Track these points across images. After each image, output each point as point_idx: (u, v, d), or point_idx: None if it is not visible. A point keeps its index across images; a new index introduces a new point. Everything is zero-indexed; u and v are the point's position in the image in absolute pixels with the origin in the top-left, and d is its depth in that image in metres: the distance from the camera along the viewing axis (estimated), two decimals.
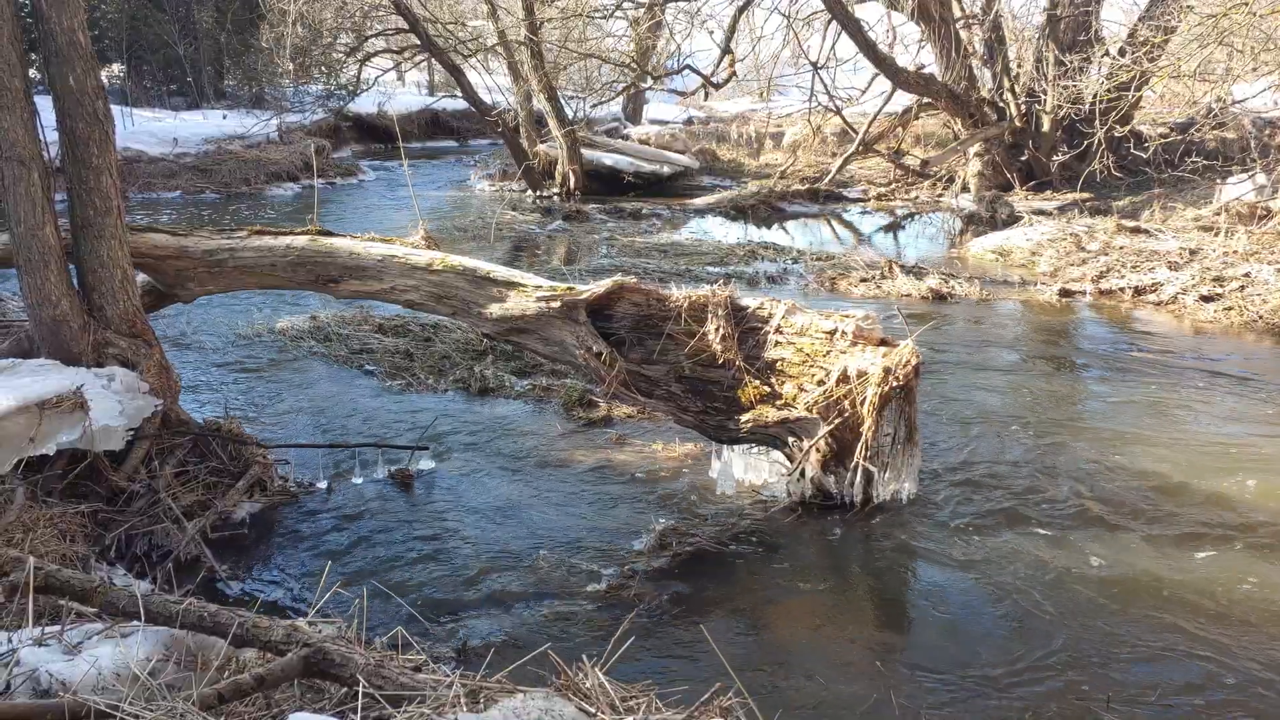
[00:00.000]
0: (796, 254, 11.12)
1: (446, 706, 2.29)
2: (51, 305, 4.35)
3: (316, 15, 16.72)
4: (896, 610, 3.88)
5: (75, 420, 4.07)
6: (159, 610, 2.69)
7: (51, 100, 4.31)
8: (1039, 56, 13.77)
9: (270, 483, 4.86)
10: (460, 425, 5.81)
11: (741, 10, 15.16)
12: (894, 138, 15.70)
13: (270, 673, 2.43)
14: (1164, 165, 12.41)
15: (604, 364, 4.68)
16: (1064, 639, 3.63)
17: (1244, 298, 8.28)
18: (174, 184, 15.98)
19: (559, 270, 9.73)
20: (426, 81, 29.31)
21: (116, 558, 4.13)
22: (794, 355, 4.56)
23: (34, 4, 4.21)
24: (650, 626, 3.71)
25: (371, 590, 3.71)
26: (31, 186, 4.18)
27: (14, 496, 4.03)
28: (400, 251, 5.05)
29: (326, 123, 19.94)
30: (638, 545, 4.36)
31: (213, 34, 22.06)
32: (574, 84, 21.15)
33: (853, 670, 3.46)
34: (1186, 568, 4.12)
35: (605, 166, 16.31)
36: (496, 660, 2.95)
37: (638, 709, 2.39)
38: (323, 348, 7.26)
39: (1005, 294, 9.27)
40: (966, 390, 6.40)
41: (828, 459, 4.56)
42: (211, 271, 5.12)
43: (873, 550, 4.32)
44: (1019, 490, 4.89)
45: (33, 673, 2.50)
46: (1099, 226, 10.90)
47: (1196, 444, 5.47)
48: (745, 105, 24.77)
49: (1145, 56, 11.09)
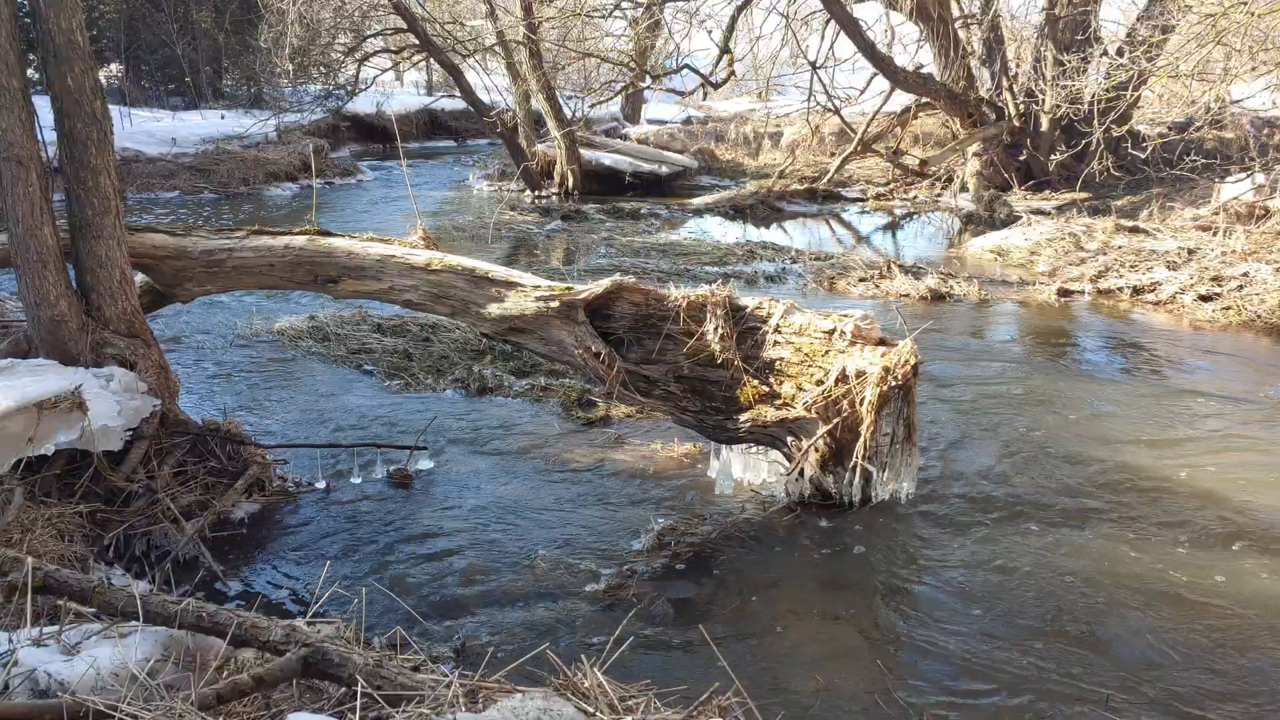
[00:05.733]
0: (795, 254, 11.12)
1: (445, 706, 2.29)
2: (50, 305, 4.35)
3: (315, 15, 16.70)
4: (895, 610, 3.88)
5: (74, 420, 4.07)
6: (157, 610, 2.68)
7: (49, 100, 4.30)
8: (1037, 56, 13.77)
9: (269, 482, 4.86)
10: (459, 425, 5.81)
11: (740, 10, 15.15)
12: (892, 137, 15.70)
13: (269, 673, 2.43)
14: (1162, 165, 12.41)
15: (603, 363, 4.68)
16: (1063, 638, 3.63)
17: (1242, 297, 8.28)
18: (172, 184, 15.96)
19: (557, 270, 9.73)
20: (425, 81, 29.30)
21: (115, 558, 4.12)
22: (792, 355, 4.57)
23: (32, 4, 4.20)
24: (649, 626, 3.71)
25: (370, 590, 3.71)
26: (29, 186, 4.18)
27: (12, 497, 4.03)
28: (398, 251, 5.05)
29: (325, 123, 19.92)
30: (636, 545, 4.36)
31: (211, 34, 22.04)
32: (572, 84, 21.17)
33: (852, 669, 3.46)
34: (1186, 567, 4.13)
35: (604, 166, 16.31)
36: (495, 660, 2.95)
37: (636, 709, 2.39)
38: (321, 348, 7.26)
39: (1004, 294, 9.27)
40: (965, 390, 6.40)
41: (826, 459, 4.56)
42: (210, 271, 5.12)
43: (871, 550, 4.32)
44: (1018, 489, 4.89)
45: (31, 673, 2.50)
46: (1097, 226, 10.90)
47: (1196, 444, 5.47)
48: (744, 105, 24.76)
49: (1144, 56, 11.09)
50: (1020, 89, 14.44)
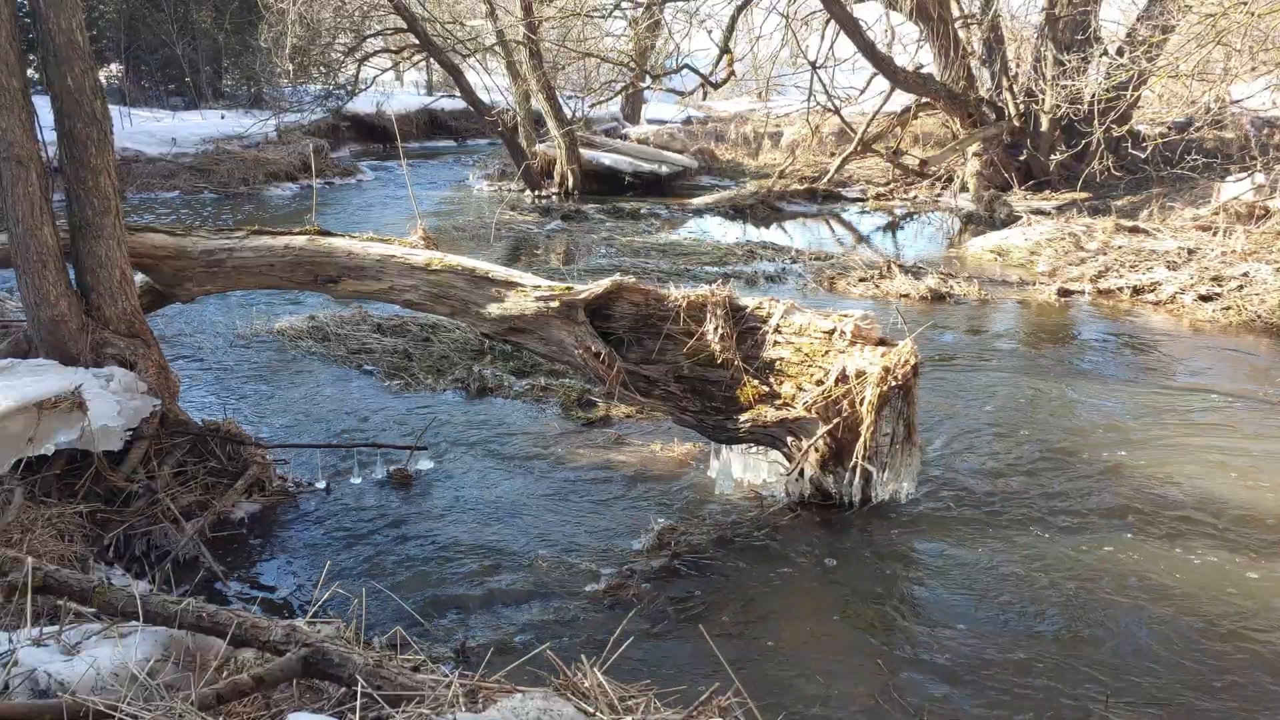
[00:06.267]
0: (795, 254, 11.12)
1: (445, 706, 2.29)
2: (50, 305, 4.35)
3: (315, 15, 16.70)
4: (895, 610, 3.88)
5: (74, 420, 4.07)
6: (157, 610, 2.68)
7: (49, 100, 4.31)
8: (1037, 56, 13.77)
9: (269, 483, 4.86)
10: (459, 425, 5.81)
11: (740, 10, 15.14)
12: (892, 137, 15.69)
13: (269, 673, 2.43)
14: (1162, 165, 12.41)
15: (603, 363, 4.68)
16: (1063, 638, 3.63)
17: (1242, 297, 8.28)
18: (172, 184, 15.96)
19: (557, 270, 9.73)
20: (425, 81, 29.30)
21: (115, 558, 4.12)
22: (792, 355, 4.56)
23: (32, 4, 4.20)
24: (649, 626, 3.71)
25: (370, 590, 3.71)
26: (29, 186, 4.18)
27: (12, 497, 4.03)
28: (398, 251, 5.05)
29: (325, 122, 19.92)
30: (636, 545, 4.36)
31: (211, 34, 22.03)
32: (572, 84, 21.16)
33: (851, 669, 3.46)
34: (1186, 566, 4.13)
35: (604, 166, 16.31)
36: (495, 660, 2.95)
37: (636, 709, 2.39)
38: (321, 348, 7.26)
39: (1004, 294, 9.27)
40: (965, 390, 6.40)
41: (826, 459, 4.56)
42: (210, 271, 5.12)
43: (871, 550, 4.32)
44: (1017, 489, 4.89)
45: (31, 673, 2.50)
46: (1097, 226, 10.90)
47: (1195, 443, 5.47)
48: (744, 105, 24.76)
49: (1144, 56, 11.09)
50: (1020, 89, 14.43)
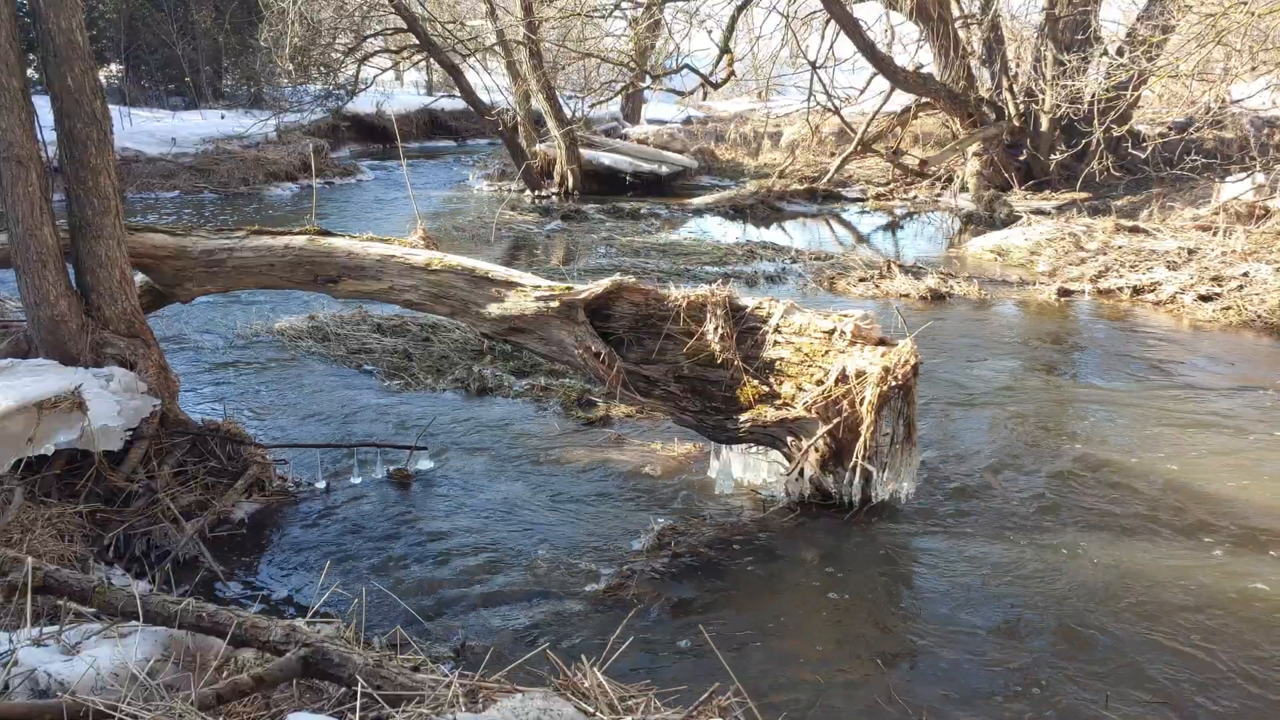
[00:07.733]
0: (795, 253, 11.12)
1: (445, 706, 2.29)
2: (49, 305, 4.35)
3: (315, 15, 16.70)
4: (895, 610, 3.88)
5: (74, 420, 4.07)
6: (157, 610, 2.68)
7: (49, 100, 4.30)
8: (1037, 56, 13.77)
9: (269, 482, 4.86)
10: (459, 425, 5.81)
11: (740, 10, 15.15)
12: (892, 137, 15.70)
13: (269, 673, 2.43)
14: (1162, 165, 12.41)
15: (603, 363, 4.68)
16: (1063, 638, 3.63)
17: (1242, 297, 8.28)
18: (172, 184, 15.96)
19: (557, 270, 9.72)
20: (425, 81, 29.29)
21: (115, 558, 4.12)
22: (792, 355, 4.56)
23: (32, 4, 4.20)
24: (649, 626, 3.71)
25: (370, 590, 3.71)
26: (29, 186, 4.18)
27: (12, 497, 4.03)
28: (398, 251, 5.05)
29: (325, 122, 19.93)
30: (636, 545, 4.36)
31: (211, 34, 22.02)
32: (572, 84, 21.16)
33: (851, 669, 3.46)
34: (1186, 567, 4.13)
35: (604, 166, 16.31)
36: (495, 660, 2.95)
37: (636, 708, 2.39)
38: (321, 347, 7.26)
39: (1004, 293, 9.27)
40: (965, 390, 6.40)
41: (826, 459, 4.56)
42: (210, 271, 5.12)
43: (871, 550, 4.32)
44: (1018, 490, 4.89)
45: (31, 673, 2.50)
46: (1097, 226, 10.90)
47: (1195, 443, 5.47)
48: (744, 105, 24.75)
49: (1144, 56, 11.09)
50: (1020, 89, 14.44)
